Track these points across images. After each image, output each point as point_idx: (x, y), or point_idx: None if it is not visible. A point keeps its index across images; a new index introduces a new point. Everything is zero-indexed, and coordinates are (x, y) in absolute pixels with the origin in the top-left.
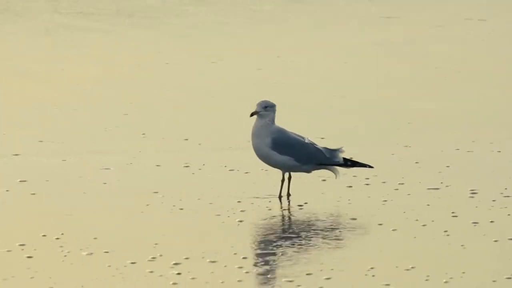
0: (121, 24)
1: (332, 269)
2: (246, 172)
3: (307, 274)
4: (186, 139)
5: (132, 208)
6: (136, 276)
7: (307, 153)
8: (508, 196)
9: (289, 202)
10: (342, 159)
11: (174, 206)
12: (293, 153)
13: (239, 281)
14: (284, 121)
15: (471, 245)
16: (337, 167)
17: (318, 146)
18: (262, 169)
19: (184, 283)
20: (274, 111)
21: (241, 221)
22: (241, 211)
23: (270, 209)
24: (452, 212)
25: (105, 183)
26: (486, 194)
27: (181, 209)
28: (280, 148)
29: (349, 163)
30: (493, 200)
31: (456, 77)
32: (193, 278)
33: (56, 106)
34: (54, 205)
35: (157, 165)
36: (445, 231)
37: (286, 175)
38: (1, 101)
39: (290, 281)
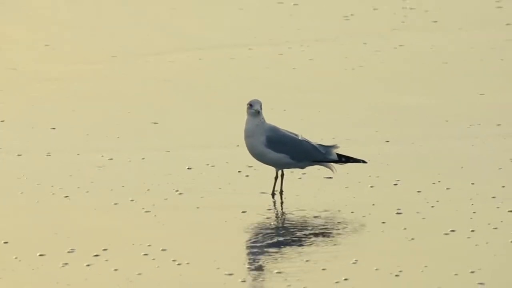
0: None
1: (325, 265)
2: (239, 171)
3: (300, 270)
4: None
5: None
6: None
7: (302, 151)
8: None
9: (282, 199)
10: (336, 156)
11: (165, 199)
12: (287, 151)
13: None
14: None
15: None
16: (332, 163)
17: (312, 143)
18: (249, 166)
19: (179, 281)
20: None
21: (233, 217)
22: (234, 207)
23: (263, 206)
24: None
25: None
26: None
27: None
28: (275, 146)
29: (343, 159)
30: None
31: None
32: (180, 275)
33: None
34: None
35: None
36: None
37: (279, 172)
38: None
39: (283, 277)
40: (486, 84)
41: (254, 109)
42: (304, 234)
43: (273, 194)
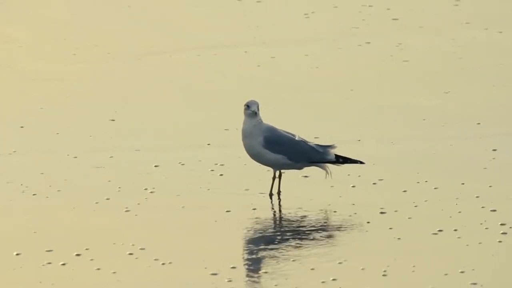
0: None
1: (313, 265)
2: (237, 169)
3: (288, 270)
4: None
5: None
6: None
7: (299, 151)
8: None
9: (279, 199)
10: (334, 156)
11: (162, 204)
12: (285, 151)
13: (228, 281)
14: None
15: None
16: (329, 165)
17: (309, 143)
18: (244, 165)
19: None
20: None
21: (231, 217)
22: (232, 208)
23: (261, 207)
24: (442, 209)
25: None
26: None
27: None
28: (273, 147)
29: (341, 160)
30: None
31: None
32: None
33: None
34: None
35: (155, 165)
36: (439, 229)
37: (277, 172)
38: None
39: (271, 277)
40: (451, 82)
41: (251, 110)
42: (291, 234)
43: (271, 195)
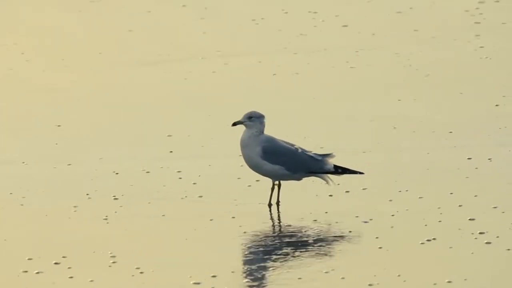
0: None
1: (321, 276)
2: (238, 179)
3: (299, 279)
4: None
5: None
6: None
7: (298, 162)
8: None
9: (278, 210)
10: (332, 166)
11: (161, 212)
12: (283, 162)
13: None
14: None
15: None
16: (328, 175)
17: (308, 153)
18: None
19: None
20: (261, 122)
21: (230, 228)
22: (232, 217)
23: (260, 217)
24: (439, 220)
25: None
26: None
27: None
28: (271, 157)
29: (340, 170)
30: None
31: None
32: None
33: None
34: None
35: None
36: (434, 238)
37: (276, 183)
38: None
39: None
40: (418, 90)
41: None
42: (275, 243)
43: (269, 205)
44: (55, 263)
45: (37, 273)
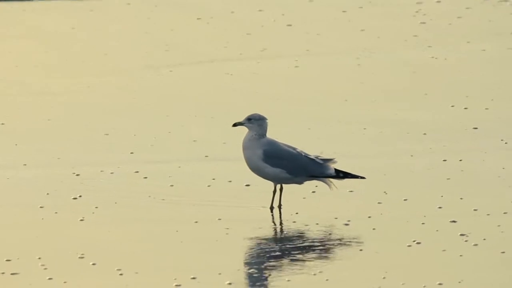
0: None
1: (325, 280)
2: (240, 182)
3: (300, 284)
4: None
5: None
6: None
7: (299, 165)
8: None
9: (280, 213)
10: (334, 171)
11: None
12: (285, 165)
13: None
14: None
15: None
16: (330, 179)
17: (310, 156)
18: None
19: None
20: (261, 124)
21: (231, 231)
22: (233, 221)
23: (261, 220)
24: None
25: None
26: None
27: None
28: (272, 160)
29: (341, 175)
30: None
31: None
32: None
33: None
34: None
35: (145, 177)
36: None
37: (278, 186)
38: None
39: None
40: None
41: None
42: (264, 246)
43: (271, 208)
44: (34, 265)
45: (13, 274)
